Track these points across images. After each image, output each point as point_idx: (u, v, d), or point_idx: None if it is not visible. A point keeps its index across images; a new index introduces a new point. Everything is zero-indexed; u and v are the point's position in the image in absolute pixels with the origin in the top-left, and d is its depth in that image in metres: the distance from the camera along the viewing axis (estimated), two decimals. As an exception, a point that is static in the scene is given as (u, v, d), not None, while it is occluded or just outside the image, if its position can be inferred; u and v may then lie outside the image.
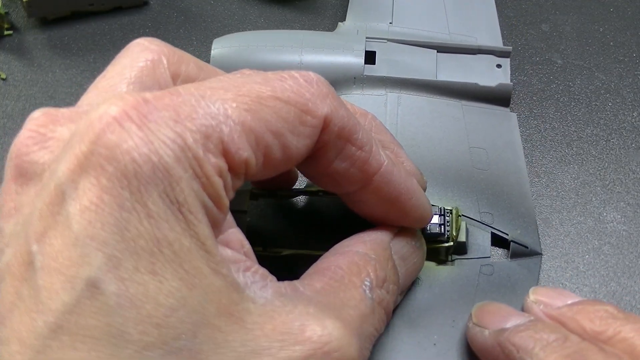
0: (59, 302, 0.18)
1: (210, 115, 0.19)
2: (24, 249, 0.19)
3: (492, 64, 0.37)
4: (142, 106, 0.18)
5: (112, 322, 0.17)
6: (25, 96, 0.42)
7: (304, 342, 0.20)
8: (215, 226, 0.20)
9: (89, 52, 0.45)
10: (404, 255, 0.27)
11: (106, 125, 0.18)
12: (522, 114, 0.41)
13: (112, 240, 0.17)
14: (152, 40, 0.23)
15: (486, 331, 0.26)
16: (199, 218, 0.19)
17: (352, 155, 0.23)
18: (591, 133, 0.40)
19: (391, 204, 0.25)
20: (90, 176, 0.18)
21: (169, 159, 0.18)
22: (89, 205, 0.18)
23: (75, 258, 0.18)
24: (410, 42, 0.38)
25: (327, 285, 0.23)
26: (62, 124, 0.21)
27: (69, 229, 0.18)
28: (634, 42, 0.45)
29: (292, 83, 0.22)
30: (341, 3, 0.48)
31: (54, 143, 0.21)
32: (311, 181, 0.26)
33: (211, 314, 0.19)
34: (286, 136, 0.21)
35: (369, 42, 0.37)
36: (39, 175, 0.20)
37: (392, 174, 0.25)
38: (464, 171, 0.32)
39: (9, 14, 0.47)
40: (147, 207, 0.18)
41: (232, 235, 0.21)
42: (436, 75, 0.36)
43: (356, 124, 0.23)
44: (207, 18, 0.47)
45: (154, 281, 0.18)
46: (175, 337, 0.18)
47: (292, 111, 0.21)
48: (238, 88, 0.20)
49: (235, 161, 0.20)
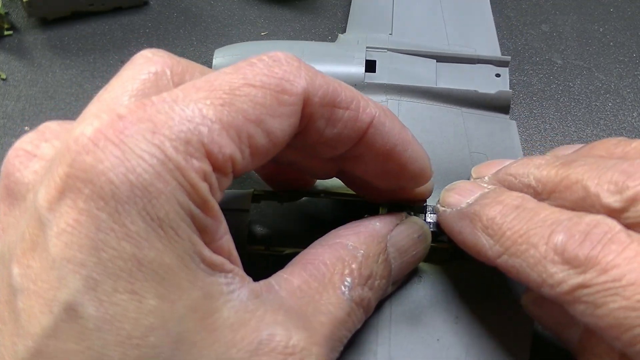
0: (38, 326, 0.17)
1: (186, 119, 0.19)
2: (6, 272, 0.19)
3: (491, 73, 0.38)
4: (117, 123, 0.18)
5: (92, 345, 0.17)
6: (25, 96, 0.42)
7: (270, 353, 0.20)
8: (203, 231, 0.20)
9: (89, 52, 0.45)
10: (402, 248, 0.27)
11: (82, 147, 0.18)
12: (522, 114, 0.41)
13: (89, 262, 0.17)
14: (156, 51, 0.23)
15: (463, 203, 0.27)
16: (180, 232, 0.18)
17: (341, 118, 0.23)
18: (591, 133, 0.40)
19: (387, 156, 0.25)
20: (67, 199, 0.18)
21: (147, 176, 0.18)
22: (66, 228, 0.18)
23: (53, 281, 0.17)
24: (410, 52, 0.38)
25: (305, 284, 0.23)
26: (47, 140, 0.21)
27: (47, 252, 0.18)
28: (634, 42, 0.45)
29: (262, 66, 0.21)
30: (341, 3, 0.48)
31: (38, 161, 0.21)
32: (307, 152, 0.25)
33: (188, 329, 0.19)
34: (267, 121, 0.21)
35: (369, 52, 0.38)
36: (23, 195, 0.20)
37: (385, 124, 0.24)
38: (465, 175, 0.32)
39: (9, 14, 0.47)
40: (126, 226, 0.18)
41: (223, 243, 0.21)
42: (436, 83, 0.37)
43: (336, 87, 0.23)
44: (207, 18, 0.47)
45: (133, 301, 0.18)
46: (154, 356, 0.18)
47: (268, 94, 0.21)
48: (210, 84, 0.20)
49: (220, 160, 0.19)
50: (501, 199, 0.25)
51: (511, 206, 0.24)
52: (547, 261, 0.21)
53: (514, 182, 0.26)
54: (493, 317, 0.27)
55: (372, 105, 0.24)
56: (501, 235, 0.24)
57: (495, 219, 0.24)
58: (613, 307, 0.20)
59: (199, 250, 0.19)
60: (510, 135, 0.35)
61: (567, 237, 0.21)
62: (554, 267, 0.21)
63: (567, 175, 0.24)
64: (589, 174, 0.23)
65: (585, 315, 0.21)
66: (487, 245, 0.24)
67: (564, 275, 0.21)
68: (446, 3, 0.44)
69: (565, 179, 0.24)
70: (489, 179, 0.28)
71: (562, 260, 0.21)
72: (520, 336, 0.27)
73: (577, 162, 0.24)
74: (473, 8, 0.44)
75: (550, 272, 0.21)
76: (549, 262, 0.21)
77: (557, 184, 0.24)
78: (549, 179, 0.25)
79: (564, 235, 0.22)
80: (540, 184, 0.25)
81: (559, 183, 0.24)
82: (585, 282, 0.20)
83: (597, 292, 0.20)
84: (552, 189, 0.24)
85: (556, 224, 0.22)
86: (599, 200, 0.22)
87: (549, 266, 0.21)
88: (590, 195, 0.23)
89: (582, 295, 0.20)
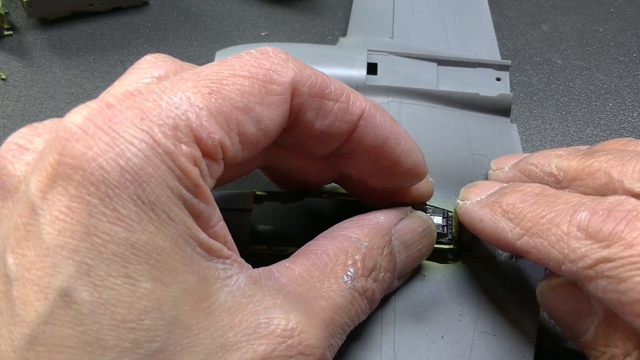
0: (33, 313, 0.18)
1: (174, 106, 0.19)
2: (1, 262, 0.19)
3: (491, 76, 0.38)
4: (106, 111, 0.18)
5: (87, 330, 0.17)
6: (25, 96, 0.42)
7: (268, 335, 0.20)
8: (197, 216, 0.20)
9: (89, 52, 0.45)
10: (408, 242, 0.27)
11: (71, 135, 0.18)
12: (522, 114, 0.41)
13: (82, 248, 0.17)
14: (159, 56, 0.24)
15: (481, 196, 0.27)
16: (172, 215, 0.19)
17: (331, 110, 0.23)
18: (591, 133, 0.40)
19: (379, 151, 0.25)
20: (58, 186, 0.18)
21: (137, 160, 0.18)
22: (58, 215, 0.18)
23: (47, 268, 0.18)
24: (411, 55, 0.38)
25: (306, 272, 0.23)
26: (40, 135, 0.21)
27: (41, 240, 0.18)
28: (634, 43, 0.45)
29: (249, 58, 0.22)
30: (341, 3, 0.48)
31: (30, 155, 0.21)
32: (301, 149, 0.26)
33: (184, 312, 0.19)
34: (256, 110, 0.21)
35: (371, 55, 0.38)
36: (16, 187, 0.20)
37: (376, 117, 0.24)
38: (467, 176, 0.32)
39: (9, 14, 0.47)
40: (117, 211, 0.18)
41: (219, 229, 0.21)
42: (437, 86, 0.37)
43: (325, 79, 0.23)
44: (207, 18, 0.47)
45: (127, 284, 0.18)
46: (150, 340, 0.18)
47: (256, 84, 0.21)
48: (197, 75, 0.21)
49: (209, 146, 0.20)
50: (521, 188, 0.25)
51: (531, 193, 0.25)
52: (570, 237, 0.22)
53: (534, 171, 0.27)
54: (497, 314, 0.28)
55: (362, 99, 0.24)
56: (522, 218, 0.24)
57: (515, 204, 0.24)
58: (638, 280, 0.20)
59: (195, 234, 0.19)
60: (512, 138, 0.36)
61: (590, 214, 0.22)
62: (577, 242, 0.21)
63: (590, 163, 0.24)
64: (612, 162, 0.24)
65: (607, 291, 0.21)
66: (508, 229, 0.24)
67: (587, 250, 0.21)
68: (446, 7, 0.44)
69: (588, 167, 0.24)
70: (509, 168, 0.29)
71: (585, 236, 0.21)
72: (525, 335, 0.27)
73: (599, 152, 0.25)
74: (472, 12, 0.44)
75: (573, 247, 0.21)
76: (571, 239, 0.22)
77: (579, 171, 0.25)
78: (571, 167, 0.25)
79: (588, 212, 0.22)
80: (562, 171, 0.25)
81: (581, 171, 0.25)
82: (610, 256, 0.20)
83: (621, 265, 0.20)
84: (574, 177, 0.25)
85: (579, 205, 0.22)
86: (622, 185, 0.23)
87: (572, 242, 0.22)
88: (614, 181, 0.23)
89: (605, 270, 0.20)
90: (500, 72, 0.38)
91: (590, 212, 0.22)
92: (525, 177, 0.28)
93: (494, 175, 0.30)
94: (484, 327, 0.27)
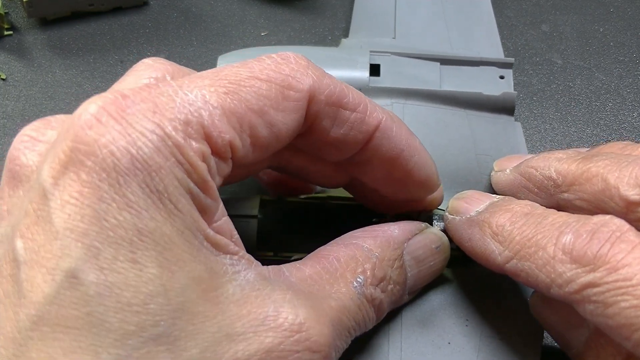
0: (40, 294, 0.18)
1: (188, 103, 0.19)
2: (10, 247, 0.19)
3: (495, 75, 0.38)
4: (120, 101, 0.19)
5: (92, 311, 0.18)
6: (25, 96, 0.42)
7: (276, 328, 0.20)
8: (204, 211, 0.20)
9: (89, 52, 0.45)
10: (420, 257, 0.26)
11: (85, 123, 0.18)
12: (522, 114, 0.41)
13: (91, 232, 0.18)
14: (156, 59, 0.24)
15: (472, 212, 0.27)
16: (180, 206, 0.19)
17: (347, 119, 0.23)
18: (591, 133, 0.40)
19: (393, 162, 0.25)
20: (70, 172, 0.18)
21: (147, 150, 0.18)
22: (69, 199, 0.18)
23: (56, 250, 0.18)
24: (414, 55, 0.38)
25: (316, 274, 0.23)
26: (53, 128, 0.22)
27: (50, 223, 0.18)
28: (634, 43, 0.45)
29: (270, 62, 0.22)
30: (341, 3, 0.48)
31: (43, 146, 0.21)
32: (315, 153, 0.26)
33: (190, 299, 0.19)
34: (270, 113, 0.21)
35: (373, 56, 0.38)
36: (28, 177, 0.21)
37: (392, 129, 0.25)
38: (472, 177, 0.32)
39: (9, 14, 0.47)
40: (127, 197, 0.18)
41: (223, 223, 0.21)
42: (440, 86, 0.37)
43: (343, 88, 0.23)
44: (207, 18, 0.47)
45: (134, 269, 0.18)
46: (154, 324, 0.18)
47: (273, 88, 0.21)
48: (215, 74, 0.21)
49: (219, 144, 0.20)
50: (510, 207, 0.25)
51: (520, 213, 0.24)
52: (556, 261, 0.22)
53: (534, 174, 0.27)
54: (503, 320, 0.27)
55: (380, 110, 0.24)
56: (511, 241, 0.24)
57: (504, 226, 0.24)
58: (624, 306, 0.20)
59: (202, 227, 0.20)
60: (516, 137, 0.35)
61: (575, 236, 0.21)
62: (563, 266, 0.21)
63: (588, 168, 0.24)
64: (609, 168, 0.23)
65: (594, 315, 0.21)
66: (497, 252, 0.24)
67: (573, 274, 0.21)
68: (448, 7, 0.44)
69: (586, 171, 0.24)
70: (510, 171, 0.29)
71: (570, 260, 0.21)
72: (530, 339, 0.27)
73: (598, 156, 0.25)
74: (475, 11, 0.44)
75: (559, 271, 0.21)
76: (557, 262, 0.21)
77: (577, 176, 0.25)
78: (570, 172, 0.25)
79: (572, 234, 0.22)
80: (561, 176, 0.25)
81: (579, 176, 0.24)
82: (595, 280, 0.20)
83: (607, 290, 0.20)
84: (572, 181, 0.25)
85: (564, 226, 0.22)
86: (618, 192, 0.23)
87: (558, 266, 0.21)
88: (610, 187, 0.23)
89: (591, 294, 0.20)
90: (504, 70, 0.38)
91: (574, 234, 0.22)
92: (526, 180, 0.28)
93: (496, 178, 0.30)
94: (490, 333, 0.27)
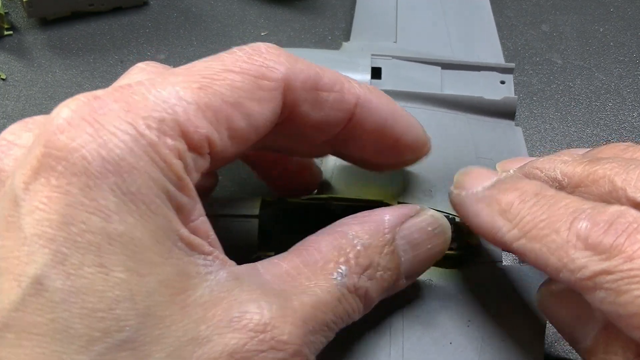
0: (6, 300, 0.18)
1: (161, 100, 0.19)
2: None
3: (495, 80, 0.38)
4: (93, 103, 0.19)
5: (57, 317, 0.17)
6: (25, 96, 0.42)
7: (240, 330, 0.20)
8: (180, 210, 0.20)
9: (89, 52, 0.45)
10: (415, 241, 0.26)
11: (57, 127, 0.18)
12: (522, 114, 0.41)
13: (59, 237, 0.18)
14: (149, 63, 0.24)
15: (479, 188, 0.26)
16: (153, 207, 0.19)
17: (326, 101, 0.23)
18: (591, 133, 0.40)
19: (380, 132, 0.25)
20: (41, 178, 0.18)
21: (119, 151, 0.18)
22: (38, 205, 0.18)
23: (23, 257, 0.18)
24: (415, 59, 0.39)
25: (294, 269, 0.23)
26: (29, 130, 0.22)
27: (20, 229, 0.18)
28: (634, 43, 0.45)
29: (242, 54, 0.22)
30: (341, 3, 0.48)
31: (19, 150, 0.21)
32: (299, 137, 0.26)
33: (158, 303, 0.19)
34: (246, 105, 0.21)
35: (375, 59, 0.38)
36: (3, 182, 0.21)
37: (371, 102, 0.25)
38: None
39: (9, 14, 0.47)
40: (96, 201, 0.18)
41: (200, 223, 0.21)
42: (441, 90, 0.37)
43: (317, 71, 0.23)
44: (207, 18, 0.47)
45: (100, 274, 0.18)
46: (119, 330, 0.18)
47: (247, 79, 0.21)
48: (188, 70, 0.21)
49: (195, 140, 0.20)
50: (519, 185, 0.25)
51: (530, 192, 0.24)
52: (569, 246, 0.21)
53: (539, 175, 0.27)
54: (505, 320, 0.27)
55: (357, 85, 0.24)
56: (520, 220, 0.23)
57: (514, 203, 0.24)
58: (637, 294, 0.20)
59: (176, 228, 0.19)
60: (517, 141, 0.36)
61: (591, 224, 0.21)
62: (576, 252, 0.21)
63: (595, 170, 0.24)
64: (616, 170, 0.23)
65: (605, 303, 0.21)
66: (505, 229, 0.24)
67: (586, 261, 0.21)
68: (449, 11, 0.44)
69: (592, 174, 0.24)
70: (514, 172, 0.29)
71: (585, 246, 0.21)
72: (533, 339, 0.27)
73: (604, 160, 0.24)
74: (475, 16, 0.44)
75: (572, 257, 0.21)
76: (570, 247, 0.21)
77: (583, 178, 0.24)
78: (575, 174, 0.25)
79: (588, 222, 0.21)
80: (567, 177, 0.25)
81: (585, 178, 0.24)
82: (609, 268, 0.20)
83: (620, 278, 0.20)
84: (578, 183, 0.25)
85: (579, 212, 0.22)
86: (625, 193, 0.22)
87: (571, 251, 0.21)
88: (617, 189, 0.23)
89: (604, 282, 0.20)
90: (505, 75, 0.38)
91: (590, 222, 0.21)
92: None
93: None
94: (493, 333, 0.27)
